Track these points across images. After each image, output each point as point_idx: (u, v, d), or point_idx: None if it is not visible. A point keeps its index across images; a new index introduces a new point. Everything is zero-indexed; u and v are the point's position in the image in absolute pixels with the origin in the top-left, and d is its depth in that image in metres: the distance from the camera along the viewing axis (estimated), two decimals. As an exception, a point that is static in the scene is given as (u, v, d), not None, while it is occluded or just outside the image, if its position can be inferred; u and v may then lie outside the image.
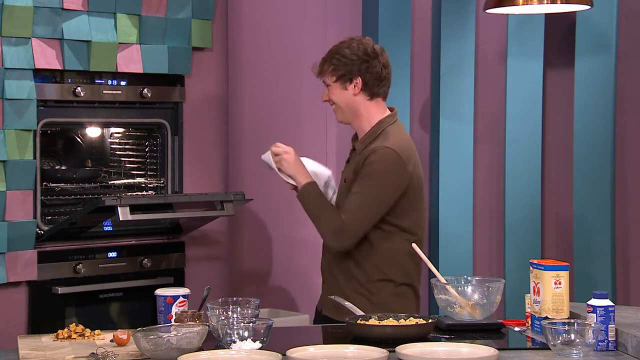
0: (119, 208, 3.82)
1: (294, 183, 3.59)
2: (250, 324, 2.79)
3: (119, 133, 4.78)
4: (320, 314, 3.62)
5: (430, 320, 3.01)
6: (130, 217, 3.83)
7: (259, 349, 2.77)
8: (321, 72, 3.61)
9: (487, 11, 4.02)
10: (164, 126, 4.67)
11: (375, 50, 3.58)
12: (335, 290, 3.53)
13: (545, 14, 4.56)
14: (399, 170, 3.47)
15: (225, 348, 2.78)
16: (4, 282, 4.20)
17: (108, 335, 3.09)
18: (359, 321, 3.04)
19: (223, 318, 2.90)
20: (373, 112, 3.58)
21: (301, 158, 3.60)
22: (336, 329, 3.24)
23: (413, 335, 2.89)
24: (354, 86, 3.55)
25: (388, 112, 3.62)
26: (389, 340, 2.84)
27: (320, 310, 3.62)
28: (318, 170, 3.67)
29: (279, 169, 3.59)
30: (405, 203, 3.51)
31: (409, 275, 3.55)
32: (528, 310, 3.17)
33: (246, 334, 2.78)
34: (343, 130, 4.66)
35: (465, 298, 3.16)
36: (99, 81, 4.49)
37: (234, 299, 3.08)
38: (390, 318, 3.05)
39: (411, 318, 3.04)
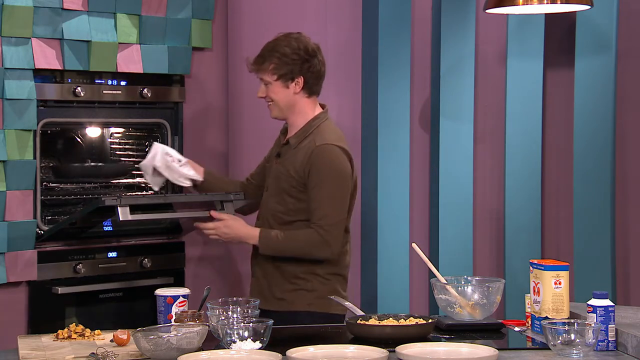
0: (119, 208, 3.81)
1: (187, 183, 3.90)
2: (250, 324, 2.79)
3: (119, 133, 4.78)
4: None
5: (430, 320, 3.01)
6: (130, 217, 3.83)
7: (259, 349, 2.77)
8: (259, 69, 3.68)
9: (487, 11, 4.02)
10: (164, 126, 4.66)
11: (314, 49, 3.68)
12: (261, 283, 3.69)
13: (545, 14, 4.56)
14: (346, 164, 3.63)
15: (225, 348, 2.78)
16: (4, 282, 4.20)
17: (108, 335, 3.09)
18: (359, 321, 3.04)
19: (223, 318, 2.90)
20: (308, 108, 3.70)
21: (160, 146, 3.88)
22: (336, 329, 3.24)
23: (413, 335, 2.89)
24: (295, 84, 3.65)
25: (320, 109, 3.74)
26: (389, 340, 2.84)
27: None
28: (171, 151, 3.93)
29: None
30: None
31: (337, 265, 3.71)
32: (528, 310, 3.18)
33: (246, 334, 2.78)
34: (342, 129, 4.65)
35: (465, 298, 3.16)
36: (99, 81, 4.48)
37: (234, 299, 3.09)
38: (390, 318, 3.05)
39: (411, 318, 3.04)
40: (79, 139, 4.67)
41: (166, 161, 4.01)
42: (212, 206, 3.87)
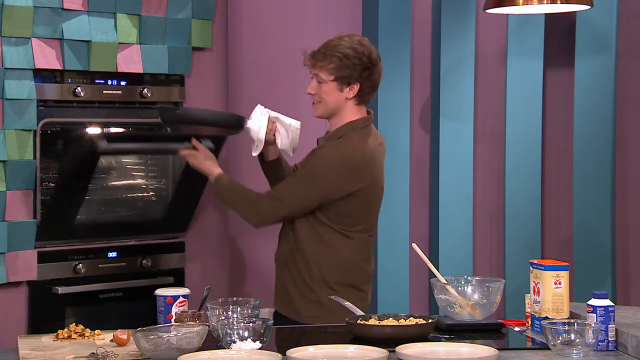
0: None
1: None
2: (250, 324, 2.79)
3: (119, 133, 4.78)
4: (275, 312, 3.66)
5: (430, 320, 3.01)
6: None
7: (259, 349, 2.77)
8: (316, 65, 3.50)
9: (487, 11, 4.02)
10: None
11: (377, 58, 3.51)
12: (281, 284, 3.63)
13: (545, 14, 4.57)
14: (338, 176, 3.45)
15: (225, 348, 2.78)
16: (4, 282, 4.20)
17: (108, 335, 3.09)
18: (359, 321, 3.04)
19: (223, 318, 2.90)
20: (351, 114, 3.53)
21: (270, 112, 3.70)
22: (336, 329, 3.24)
23: (413, 335, 2.89)
24: (350, 90, 3.48)
25: (360, 115, 3.55)
26: (389, 340, 2.84)
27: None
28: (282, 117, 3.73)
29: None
30: (355, 209, 3.51)
31: (348, 276, 3.55)
32: (528, 310, 3.18)
33: (246, 334, 2.78)
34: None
35: (465, 298, 3.16)
36: (99, 81, 4.48)
37: (234, 299, 3.08)
38: (390, 318, 3.05)
39: (411, 318, 3.04)
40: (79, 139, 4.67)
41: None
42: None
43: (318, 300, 3.48)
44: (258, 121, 3.66)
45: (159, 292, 3.22)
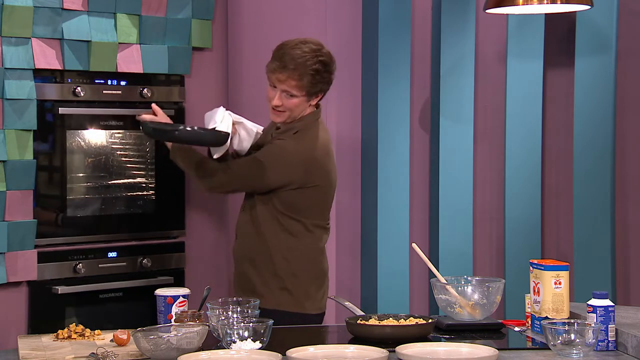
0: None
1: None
2: (250, 324, 2.79)
3: (119, 133, 4.78)
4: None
5: (430, 320, 3.01)
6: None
7: (259, 349, 2.77)
8: (286, 81, 3.53)
9: (487, 11, 4.02)
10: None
11: (334, 61, 3.64)
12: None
13: (545, 14, 4.56)
14: (291, 169, 3.57)
15: (225, 348, 2.78)
16: (4, 282, 4.20)
17: (108, 335, 3.09)
18: (359, 321, 3.04)
19: (223, 318, 2.90)
20: (307, 111, 3.65)
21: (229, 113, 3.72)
22: (335, 329, 3.24)
23: (413, 335, 2.89)
24: (316, 98, 3.63)
25: (310, 110, 3.66)
26: (389, 340, 2.85)
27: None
28: (246, 122, 3.77)
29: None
30: (311, 201, 3.62)
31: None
32: (528, 310, 3.18)
33: (246, 334, 2.78)
34: (342, 129, 4.66)
35: (465, 298, 3.16)
36: (99, 81, 4.49)
37: (234, 299, 3.09)
38: (390, 318, 3.05)
39: (411, 318, 3.04)
40: (79, 139, 4.67)
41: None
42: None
43: (284, 287, 3.59)
44: (226, 126, 3.68)
45: (159, 292, 3.22)
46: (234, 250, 3.80)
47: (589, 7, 3.92)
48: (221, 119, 3.68)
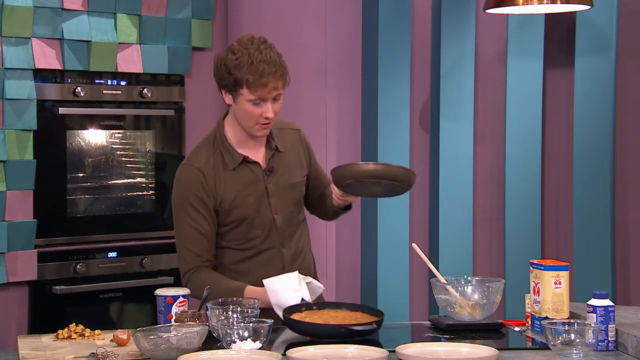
0: None
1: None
2: (250, 324, 2.79)
3: (119, 133, 4.78)
4: None
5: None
6: None
7: (259, 349, 2.77)
8: (283, 85, 3.22)
9: (487, 11, 4.02)
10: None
11: None
12: None
13: (545, 14, 4.56)
14: None
15: (225, 348, 2.78)
16: (4, 282, 4.20)
17: (108, 335, 3.09)
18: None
19: (223, 318, 2.90)
20: None
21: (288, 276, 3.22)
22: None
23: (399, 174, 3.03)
24: None
25: None
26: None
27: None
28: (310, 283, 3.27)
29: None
30: None
31: None
32: (528, 310, 3.18)
33: (246, 334, 2.78)
34: (343, 130, 4.66)
35: (465, 298, 3.16)
36: (99, 81, 4.49)
37: (234, 299, 3.08)
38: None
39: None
40: (79, 139, 4.68)
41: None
42: None
43: None
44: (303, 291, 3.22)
45: (159, 292, 3.21)
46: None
47: (589, 7, 3.92)
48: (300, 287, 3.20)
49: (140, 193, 4.71)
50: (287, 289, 3.12)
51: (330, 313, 3.05)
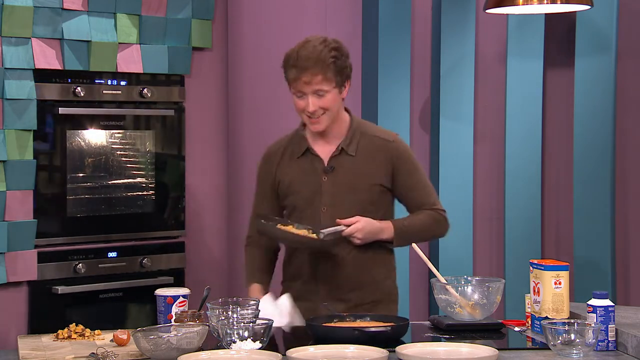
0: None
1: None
2: (250, 324, 2.79)
3: (119, 133, 4.78)
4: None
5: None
6: None
7: (259, 349, 2.77)
8: (319, 80, 3.28)
9: (487, 11, 4.02)
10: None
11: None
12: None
13: (545, 14, 4.56)
14: None
15: (225, 348, 2.78)
16: (4, 282, 4.20)
17: (108, 335, 3.09)
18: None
19: (223, 318, 2.90)
20: (342, 112, 3.46)
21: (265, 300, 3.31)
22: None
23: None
24: (345, 89, 3.40)
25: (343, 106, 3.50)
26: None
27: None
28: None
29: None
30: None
31: None
32: (528, 310, 3.18)
33: (246, 334, 2.78)
34: (343, 130, 4.66)
35: (465, 298, 3.16)
36: (99, 81, 4.49)
37: (234, 299, 3.08)
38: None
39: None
40: (79, 139, 4.68)
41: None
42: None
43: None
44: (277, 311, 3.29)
45: (159, 292, 3.21)
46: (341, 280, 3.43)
47: (589, 7, 3.92)
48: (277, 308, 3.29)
49: (140, 193, 4.71)
50: (274, 313, 3.18)
51: (361, 324, 3.05)
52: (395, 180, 3.40)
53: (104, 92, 4.50)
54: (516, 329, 3.18)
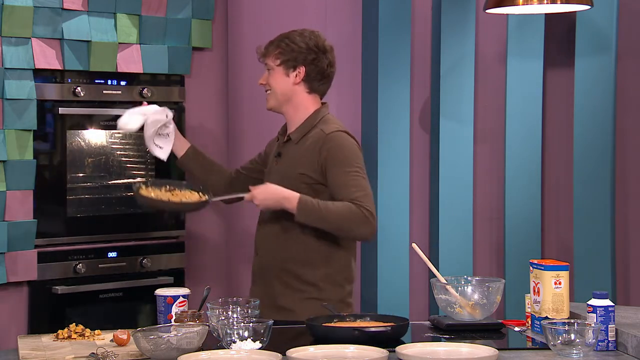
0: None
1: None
2: (250, 324, 2.79)
3: (119, 133, 4.78)
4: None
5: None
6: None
7: (259, 349, 2.77)
8: (266, 54, 3.69)
9: (487, 11, 4.02)
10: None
11: (325, 46, 3.65)
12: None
13: (545, 14, 4.57)
14: (359, 150, 3.59)
15: (225, 348, 2.78)
16: (4, 282, 4.20)
17: (108, 335, 3.09)
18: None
19: (223, 318, 2.90)
20: (308, 103, 3.64)
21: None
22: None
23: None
24: (296, 75, 3.61)
25: (317, 106, 3.66)
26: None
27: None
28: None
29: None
30: None
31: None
32: (528, 310, 3.18)
33: (246, 334, 2.78)
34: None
35: (465, 298, 3.16)
36: (99, 81, 4.49)
37: (234, 299, 3.08)
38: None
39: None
40: (79, 139, 4.68)
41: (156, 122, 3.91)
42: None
43: (327, 297, 3.57)
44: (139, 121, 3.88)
45: (159, 292, 3.22)
46: (259, 266, 3.65)
47: (589, 7, 3.93)
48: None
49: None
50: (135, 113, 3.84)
51: (361, 324, 3.05)
52: (325, 174, 3.50)
53: (104, 92, 4.50)
54: (516, 329, 3.18)
